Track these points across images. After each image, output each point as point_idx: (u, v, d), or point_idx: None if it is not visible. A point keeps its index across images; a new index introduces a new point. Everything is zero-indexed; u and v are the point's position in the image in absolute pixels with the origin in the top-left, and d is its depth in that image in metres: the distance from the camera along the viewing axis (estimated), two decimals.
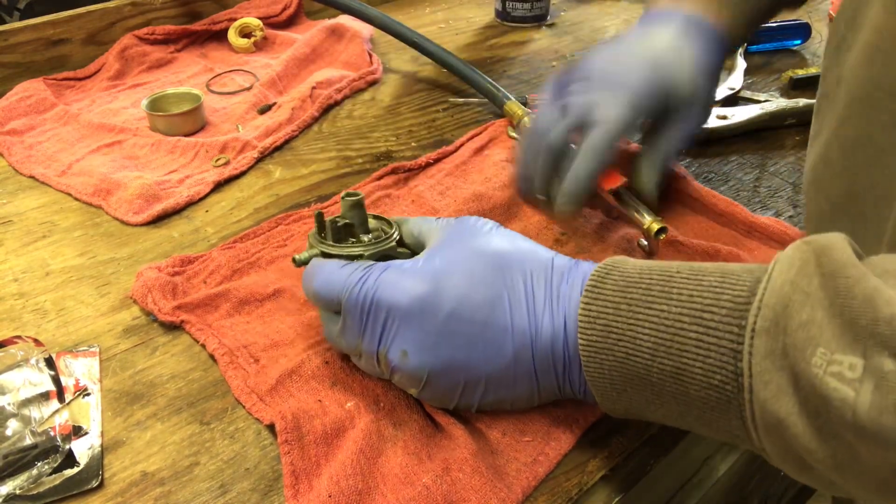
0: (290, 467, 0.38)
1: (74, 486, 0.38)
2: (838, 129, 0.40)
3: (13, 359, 0.44)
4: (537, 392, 0.39)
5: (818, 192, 0.44)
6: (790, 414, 0.28)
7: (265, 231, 0.57)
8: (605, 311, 0.35)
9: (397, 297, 0.37)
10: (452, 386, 0.38)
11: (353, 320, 0.39)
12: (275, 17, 0.96)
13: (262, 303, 0.49)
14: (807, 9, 1.04)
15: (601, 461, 0.40)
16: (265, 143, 0.69)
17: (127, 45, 0.85)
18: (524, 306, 0.37)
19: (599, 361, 0.35)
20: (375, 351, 0.38)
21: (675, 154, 0.55)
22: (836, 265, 0.27)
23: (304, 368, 0.43)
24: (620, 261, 0.37)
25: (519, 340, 0.37)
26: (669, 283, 0.33)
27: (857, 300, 0.26)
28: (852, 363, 0.25)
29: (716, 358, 0.31)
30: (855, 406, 0.25)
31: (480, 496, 0.36)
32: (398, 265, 0.39)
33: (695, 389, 0.32)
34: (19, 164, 0.67)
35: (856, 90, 0.39)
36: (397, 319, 0.37)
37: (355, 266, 0.40)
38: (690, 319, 0.32)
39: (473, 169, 0.64)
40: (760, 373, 0.29)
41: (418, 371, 0.37)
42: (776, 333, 0.28)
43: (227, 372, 0.44)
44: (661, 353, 0.33)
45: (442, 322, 0.37)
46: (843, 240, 0.29)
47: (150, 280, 0.50)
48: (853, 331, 0.26)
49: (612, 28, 0.99)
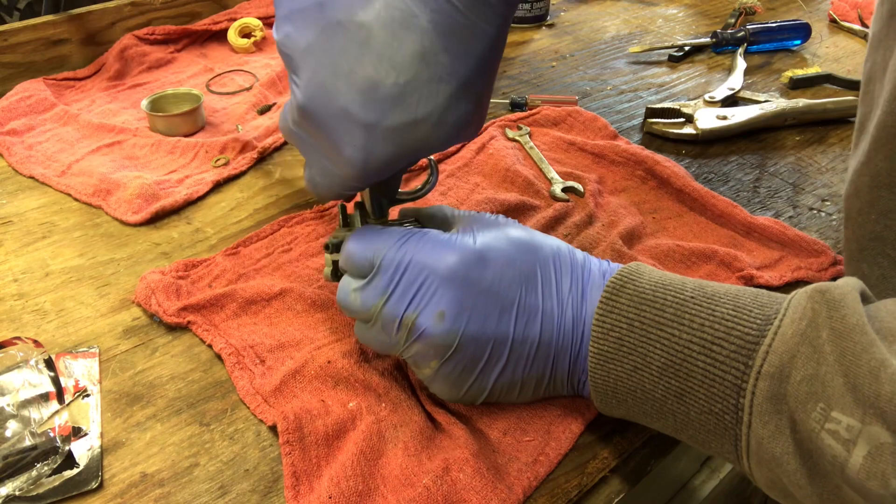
0: (291, 468, 0.38)
1: (74, 488, 0.38)
2: (871, 157, 0.39)
3: (13, 360, 0.44)
4: (549, 377, 0.39)
5: (848, 224, 0.43)
6: (785, 453, 0.29)
7: (268, 234, 0.56)
8: (619, 324, 0.35)
9: (442, 259, 0.37)
10: (477, 357, 0.37)
11: (384, 278, 0.37)
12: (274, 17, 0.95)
13: (269, 303, 0.49)
14: (807, 9, 1.04)
15: (601, 461, 0.40)
16: (265, 144, 0.69)
17: (127, 45, 0.85)
18: (553, 289, 0.38)
19: (608, 371, 0.36)
20: (401, 314, 0.37)
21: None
22: (846, 326, 0.28)
23: (308, 368, 0.43)
24: (636, 272, 0.37)
25: (547, 321, 0.38)
26: (682, 307, 0.34)
27: (863, 369, 0.27)
28: (849, 425, 0.27)
29: (719, 389, 0.32)
30: (845, 465, 0.27)
31: (481, 497, 0.36)
32: (437, 234, 0.39)
33: (695, 412, 0.33)
34: (19, 165, 0.67)
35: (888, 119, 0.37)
36: (437, 280, 0.37)
37: (396, 229, 0.39)
38: (700, 349, 0.33)
39: (475, 170, 0.64)
40: (761, 413, 0.30)
41: (450, 335, 0.36)
42: (780, 379, 0.30)
43: (234, 372, 0.44)
44: (669, 373, 0.34)
45: (484, 288, 0.37)
46: (855, 294, 0.29)
47: (153, 282, 0.50)
48: (854, 395, 0.27)
49: (611, 28, 0.99)
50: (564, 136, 0.69)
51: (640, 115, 0.75)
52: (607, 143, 0.67)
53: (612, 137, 0.69)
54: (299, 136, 0.39)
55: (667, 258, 0.54)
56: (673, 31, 0.98)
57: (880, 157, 0.38)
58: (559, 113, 0.72)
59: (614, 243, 0.54)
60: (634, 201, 0.61)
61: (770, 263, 0.53)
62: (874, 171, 0.38)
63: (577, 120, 0.71)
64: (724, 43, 0.88)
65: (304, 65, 0.36)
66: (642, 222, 0.58)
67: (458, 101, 0.36)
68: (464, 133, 0.39)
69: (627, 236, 0.55)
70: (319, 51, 0.35)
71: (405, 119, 0.35)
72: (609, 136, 0.69)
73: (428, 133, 0.36)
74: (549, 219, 0.57)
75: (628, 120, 0.75)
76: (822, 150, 0.69)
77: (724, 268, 0.52)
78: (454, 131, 0.37)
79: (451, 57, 0.35)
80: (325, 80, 0.35)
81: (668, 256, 0.54)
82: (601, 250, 0.54)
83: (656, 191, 0.62)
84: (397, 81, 0.34)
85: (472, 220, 0.41)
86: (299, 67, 0.36)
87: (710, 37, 0.90)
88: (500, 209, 0.57)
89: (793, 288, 0.51)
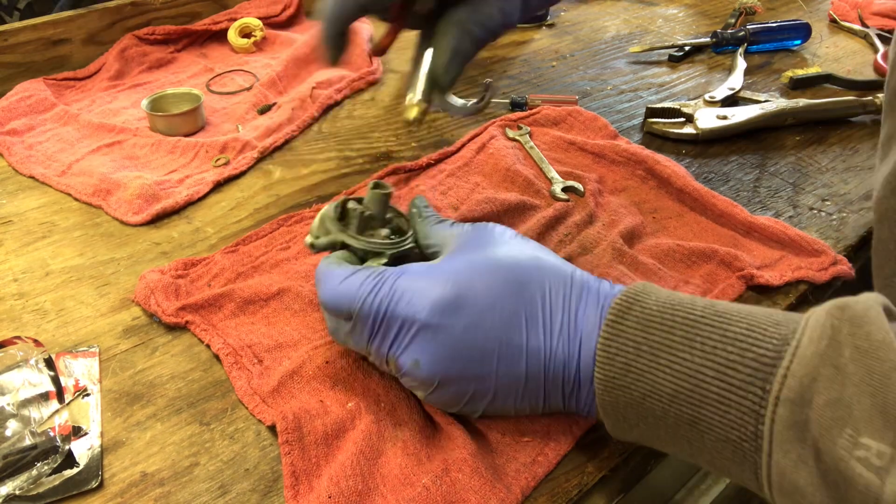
0: (291, 468, 0.38)
1: (74, 487, 0.38)
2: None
3: (13, 359, 0.44)
4: (542, 406, 0.38)
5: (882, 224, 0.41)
6: (809, 485, 0.27)
7: (267, 233, 0.57)
8: (626, 349, 0.34)
9: (413, 309, 0.36)
10: (461, 394, 0.38)
11: (365, 328, 0.38)
12: (275, 17, 0.96)
13: (267, 302, 0.49)
14: (807, 9, 1.04)
15: (601, 461, 0.40)
16: (265, 143, 0.69)
17: (127, 45, 0.85)
18: (540, 327, 0.36)
19: (615, 397, 0.34)
20: (385, 356, 0.38)
21: (495, 33, 0.42)
22: (871, 344, 0.27)
23: (306, 369, 0.43)
24: (642, 293, 0.35)
25: (533, 360, 0.36)
26: (693, 330, 0.32)
27: (892, 389, 0.25)
28: (880, 451, 0.25)
29: (736, 416, 0.30)
30: (880, 496, 0.25)
31: (480, 497, 0.36)
32: (414, 271, 0.38)
33: (710, 440, 0.31)
34: (19, 164, 0.67)
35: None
36: (412, 330, 0.36)
37: (367, 273, 0.38)
38: (713, 374, 0.31)
39: (475, 170, 0.64)
40: (781, 442, 0.28)
41: (429, 379, 0.37)
42: (801, 405, 0.28)
43: (232, 372, 0.44)
44: (681, 399, 0.32)
45: (458, 336, 0.36)
46: (878, 310, 0.28)
47: (152, 282, 0.50)
48: (884, 417, 0.25)
49: (612, 28, 0.99)
50: (564, 136, 0.69)
51: (640, 115, 0.75)
52: (607, 142, 0.67)
53: (612, 137, 0.69)
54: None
55: (667, 258, 0.54)
56: (673, 31, 0.98)
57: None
58: (559, 113, 0.72)
59: (615, 242, 0.54)
60: (634, 201, 0.61)
61: (770, 263, 0.53)
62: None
63: (577, 120, 0.71)
64: (725, 43, 0.88)
65: None
66: (642, 222, 0.58)
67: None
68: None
69: (628, 236, 0.55)
70: None
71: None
72: (609, 135, 0.69)
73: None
74: (550, 218, 0.57)
75: (628, 120, 0.75)
76: (822, 150, 0.69)
77: (725, 267, 0.52)
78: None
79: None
80: None
81: (669, 256, 0.54)
82: (601, 250, 0.54)
83: (656, 190, 0.62)
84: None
85: (464, 244, 0.40)
86: None
87: (711, 37, 0.90)
88: (500, 209, 0.57)
89: (793, 287, 0.51)
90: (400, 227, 0.45)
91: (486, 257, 0.38)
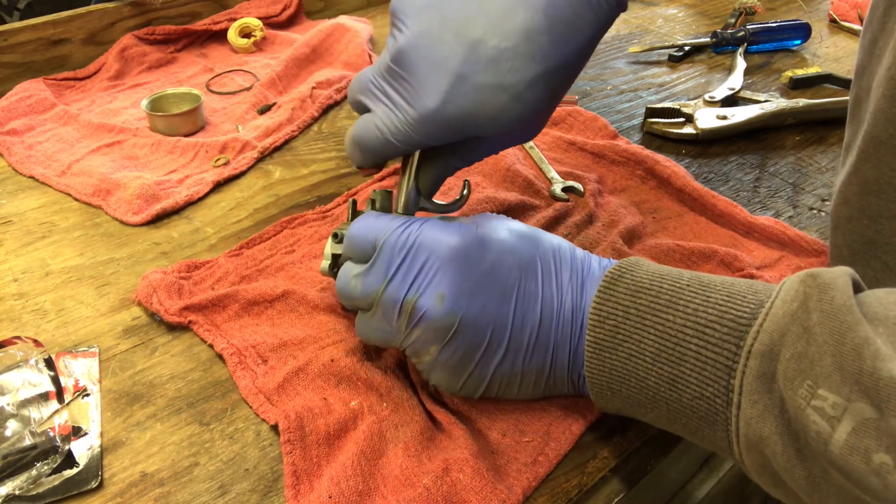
0: (292, 467, 0.38)
1: (74, 487, 0.38)
2: (859, 166, 0.41)
3: (13, 359, 0.44)
4: (549, 369, 0.39)
5: (837, 231, 0.44)
6: (772, 434, 0.30)
7: (271, 236, 0.56)
8: (615, 312, 0.36)
9: (443, 241, 0.38)
10: (476, 342, 0.37)
11: (385, 261, 0.38)
12: (275, 17, 0.96)
13: (272, 304, 0.49)
14: (807, 9, 1.04)
15: (601, 461, 0.40)
16: (265, 143, 0.69)
17: (127, 45, 0.85)
18: (553, 280, 0.39)
19: (603, 360, 0.36)
20: (401, 298, 0.37)
21: (472, 164, 0.47)
22: (834, 307, 0.28)
23: (311, 367, 0.43)
24: (634, 264, 0.38)
25: (546, 310, 0.38)
26: (678, 295, 0.35)
27: (847, 347, 0.27)
28: (835, 402, 0.27)
29: (711, 371, 0.32)
30: (829, 441, 0.27)
31: (481, 497, 0.36)
32: (439, 219, 0.40)
33: (687, 398, 0.33)
34: (19, 164, 0.67)
35: (874, 128, 0.39)
36: (438, 262, 0.37)
37: (397, 217, 0.40)
38: (693, 332, 0.33)
39: (475, 169, 0.64)
40: (750, 392, 0.31)
41: (450, 317, 0.37)
42: (770, 358, 0.30)
43: (236, 372, 0.44)
44: (663, 358, 0.34)
45: (484, 271, 0.37)
46: (846, 279, 0.29)
47: (155, 281, 0.50)
48: (840, 373, 0.27)
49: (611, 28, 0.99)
50: (564, 136, 0.69)
51: (640, 115, 0.75)
52: (607, 142, 0.67)
53: (612, 137, 0.69)
54: (377, 86, 0.41)
55: (667, 258, 0.54)
56: (673, 30, 0.98)
57: (868, 166, 0.40)
58: (559, 113, 0.72)
59: (615, 242, 0.54)
60: (634, 201, 0.61)
61: (770, 263, 0.53)
62: (862, 179, 0.40)
63: (577, 120, 0.71)
64: (724, 43, 0.88)
65: (417, 17, 0.39)
66: (642, 222, 0.58)
67: (541, 82, 0.38)
68: (531, 125, 0.42)
69: (628, 236, 0.55)
70: (438, 5, 0.38)
71: (493, 80, 0.37)
72: (609, 135, 0.69)
73: (505, 104, 0.38)
74: (550, 218, 0.57)
75: (628, 120, 0.75)
76: (822, 149, 0.69)
77: (725, 267, 0.52)
78: (527, 112, 0.39)
79: (550, 41, 0.38)
80: (434, 31, 0.38)
81: (669, 256, 0.54)
82: (601, 250, 0.54)
83: (656, 190, 0.62)
84: (498, 46, 0.37)
85: (474, 216, 0.42)
86: (409, 18, 0.39)
87: (710, 37, 0.90)
88: (500, 209, 0.57)
89: None
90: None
91: (502, 221, 0.41)
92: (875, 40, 0.41)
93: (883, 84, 0.38)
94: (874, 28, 0.41)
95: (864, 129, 0.40)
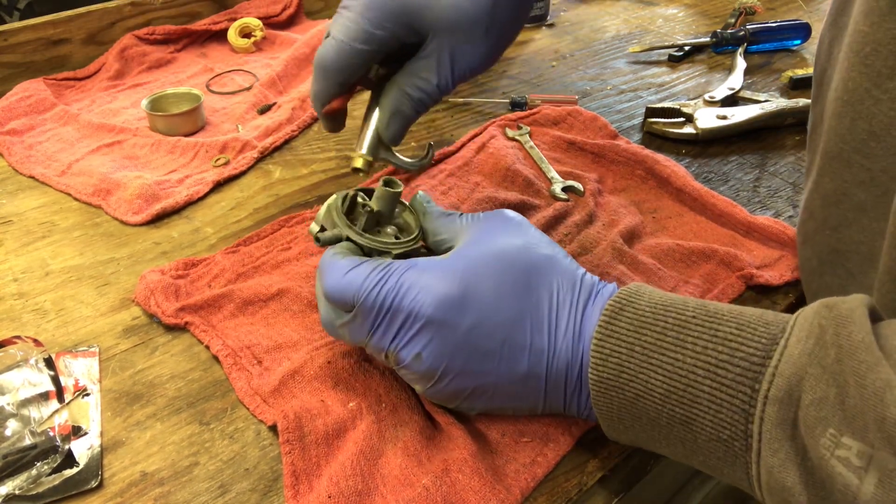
0: (291, 467, 0.38)
1: (74, 487, 0.38)
2: (819, 181, 0.42)
3: (13, 359, 0.44)
4: (542, 406, 0.38)
5: (806, 245, 0.45)
6: (795, 484, 0.28)
7: (268, 234, 0.57)
8: (619, 349, 0.34)
9: (419, 305, 0.36)
10: (460, 390, 0.38)
11: (366, 320, 0.38)
12: (275, 17, 0.96)
13: (266, 303, 0.49)
14: (807, 9, 1.04)
15: (600, 461, 0.40)
16: (265, 143, 0.69)
17: (127, 45, 0.85)
18: (545, 327, 0.37)
19: (609, 398, 0.35)
20: (385, 349, 0.38)
21: (430, 95, 0.45)
22: (853, 344, 0.27)
23: (307, 369, 0.43)
24: (634, 294, 0.36)
25: (535, 360, 0.36)
26: (684, 331, 0.33)
27: (868, 390, 0.26)
28: (860, 450, 0.25)
29: (727, 415, 0.30)
30: (857, 494, 0.25)
31: (480, 497, 0.36)
32: (422, 265, 0.38)
33: (703, 440, 0.32)
34: (19, 164, 0.67)
35: (828, 144, 0.40)
36: (416, 325, 0.36)
37: (373, 265, 0.38)
38: (704, 373, 0.31)
39: (475, 169, 0.64)
40: (770, 441, 0.29)
41: (430, 373, 0.37)
42: (789, 404, 0.28)
43: (231, 373, 0.44)
44: (673, 400, 0.32)
45: (462, 335, 0.36)
46: (863, 310, 0.28)
47: (152, 282, 0.50)
48: (863, 419, 0.26)
49: (611, 28, 0.99)
50: (564, 136, 0.69)
51: (640, 115, 0.75)
52: (607, 142, 0.67)
53: (612, 137, 0.69)
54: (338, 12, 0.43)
55: (667, 257, 0.54)
56: (673, 30, 0.98)
57: (826, 179, 0.41)
58: (559, 112, 0.72)
59: (614, 242, 0.54)
60: (634, 201, 0.61)
61: (770, 263, 0.53)
62: (823, 192, 0.41)
63: (577, 119, 0.71)
64: (724, 43, 0.88)
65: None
66: (642, 221, 0.58)
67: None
68: (473, 29, 0.42)
69: (627, 235, 0.55)
70: None
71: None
72: (609, 135, 0.69)
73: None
74: (550, 218, 0.57)
75: (628, 120, 0.75)
76: None
77: (724, 267, 0.52)
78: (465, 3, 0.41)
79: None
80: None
81: (668, 256, 0.54)
82: (601, 249, 0.54)
83: (656, 190, 0.62)
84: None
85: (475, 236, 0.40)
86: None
87: (710, 37, 0.90)
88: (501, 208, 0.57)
89: (792, 287, 0.51)
90: (407, 223, 0.45)
91: (497, 252, 0.38)
92: (824, 71, 0.43)
93: (833, 104, 0.39)
94: (822, 60, 0.43)
95: (820, 147, 0.41)
